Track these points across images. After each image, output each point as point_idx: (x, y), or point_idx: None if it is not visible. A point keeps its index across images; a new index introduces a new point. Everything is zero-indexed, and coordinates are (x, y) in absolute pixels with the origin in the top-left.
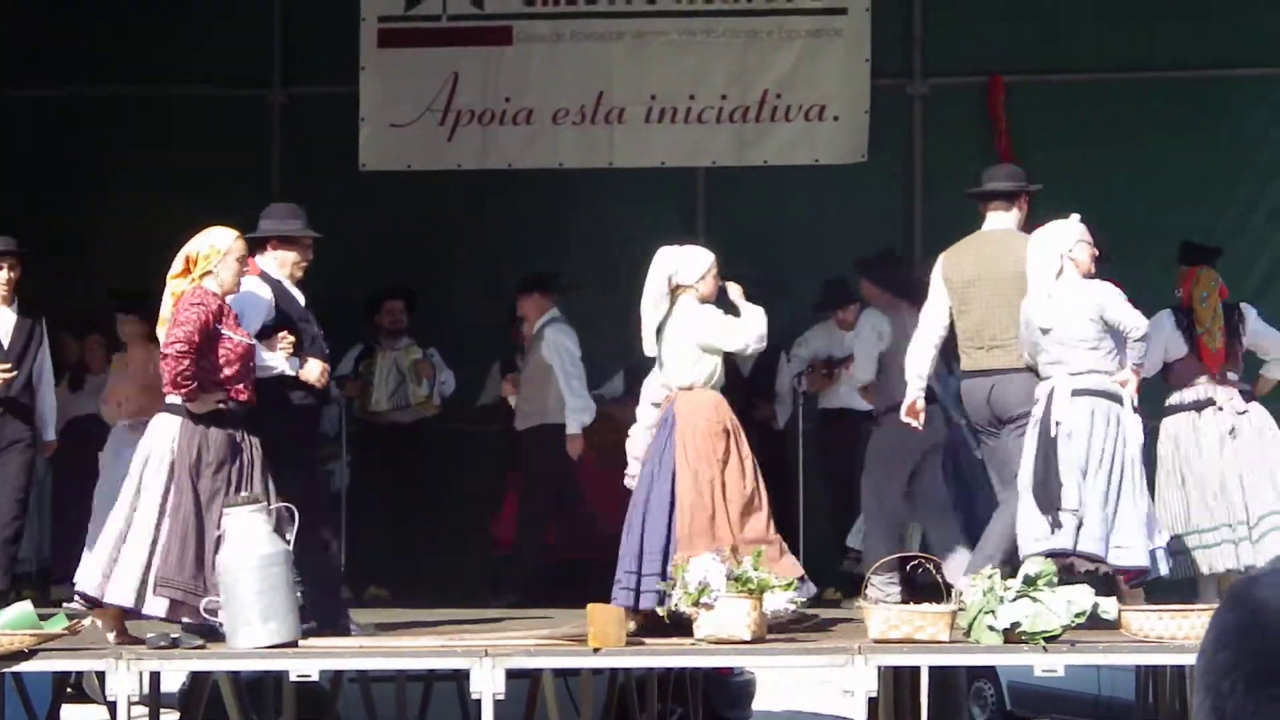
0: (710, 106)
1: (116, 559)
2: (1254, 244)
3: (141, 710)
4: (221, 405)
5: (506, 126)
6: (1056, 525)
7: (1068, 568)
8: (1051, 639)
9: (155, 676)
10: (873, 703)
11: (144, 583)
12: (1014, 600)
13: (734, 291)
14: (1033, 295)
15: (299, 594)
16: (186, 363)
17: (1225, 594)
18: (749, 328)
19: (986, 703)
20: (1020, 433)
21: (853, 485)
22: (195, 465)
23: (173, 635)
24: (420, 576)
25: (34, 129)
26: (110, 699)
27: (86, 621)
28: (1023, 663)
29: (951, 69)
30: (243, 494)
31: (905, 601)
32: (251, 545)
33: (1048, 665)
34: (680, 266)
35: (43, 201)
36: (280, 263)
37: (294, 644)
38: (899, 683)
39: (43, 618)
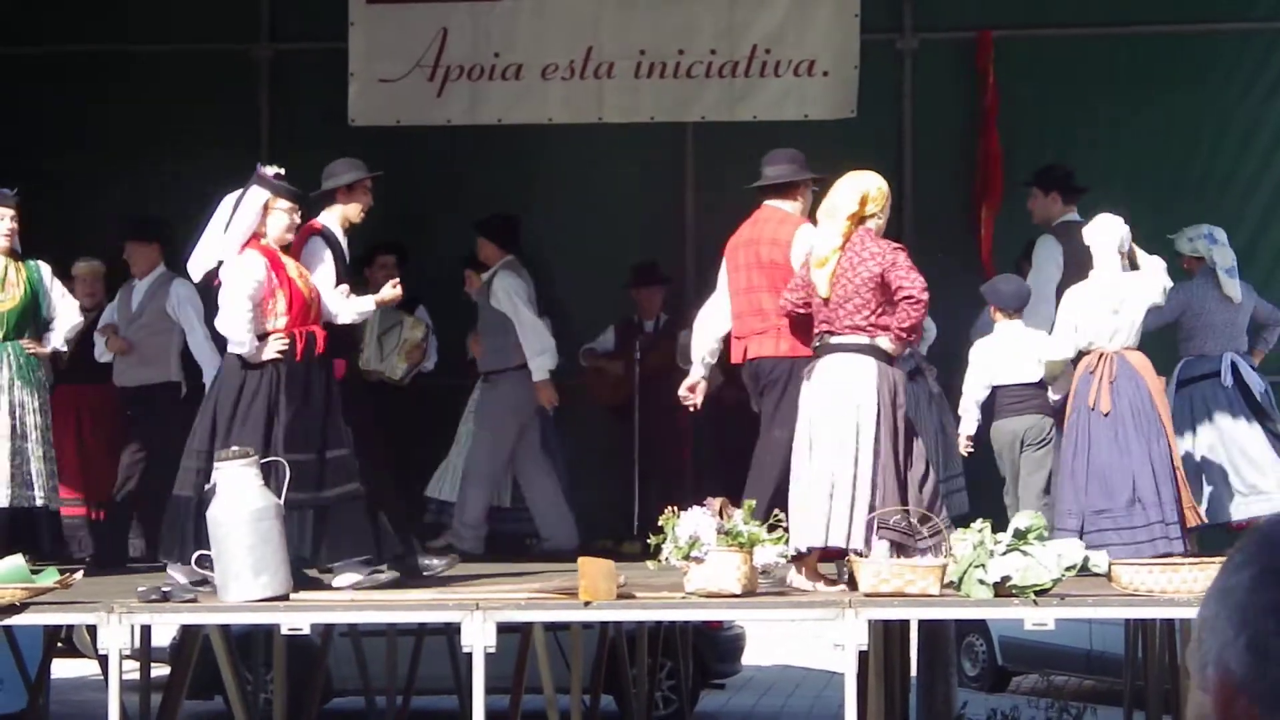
0: (699, 61)
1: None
2: (1240, 197)
3: (132, 664)
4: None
5: (496, 82)
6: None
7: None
8: (1042, 593)
9: (146, 630)
10: (863, 656)
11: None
12: (1004, 554)
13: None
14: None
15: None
16: None
17: (1251, 538)
18: None
19: (978, 657)
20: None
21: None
22: None
23: (164, 588)
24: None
25: (17, 87)
26: (101, 653)
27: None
28: (1013, 616)
29: (941, 24)
30: (233, 448)
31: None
32: (243, 499)
33: (1038, 619)
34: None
35: (27, 160)
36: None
37: (285, 598)
38: (889, 636)
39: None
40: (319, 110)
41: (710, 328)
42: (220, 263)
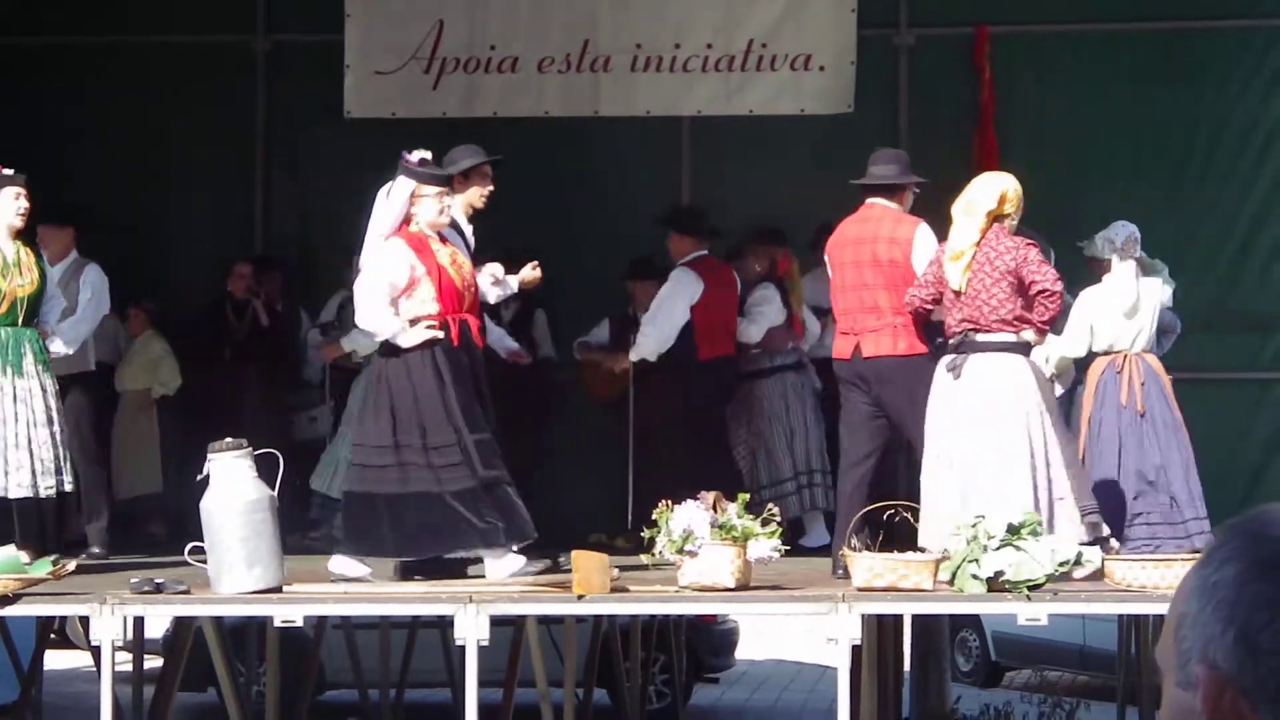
0: (696, 55)
1: None
2: (1238, 195)
3: (125, 656)
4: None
5: (492, 74)
6: None
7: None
8: (1035, 588)
9: (139, 622)
10: (856, 651)
11: None
12: (998, 549)
13: None
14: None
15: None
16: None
17: (1234, 533)
18: None
19: (971, 652)
20: None
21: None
22: None
23: (157, 580)
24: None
25: (15, 79)
26: (94, 644)
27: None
28: (1006, 611)
29: (937, 19)
30: (227, 439)
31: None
32: (236, 490)
33: (1031, 614)
34: None
35: (24, 151)
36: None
37: (278, 589)
38: (883, 631)
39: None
40: (315, 102)
41: None
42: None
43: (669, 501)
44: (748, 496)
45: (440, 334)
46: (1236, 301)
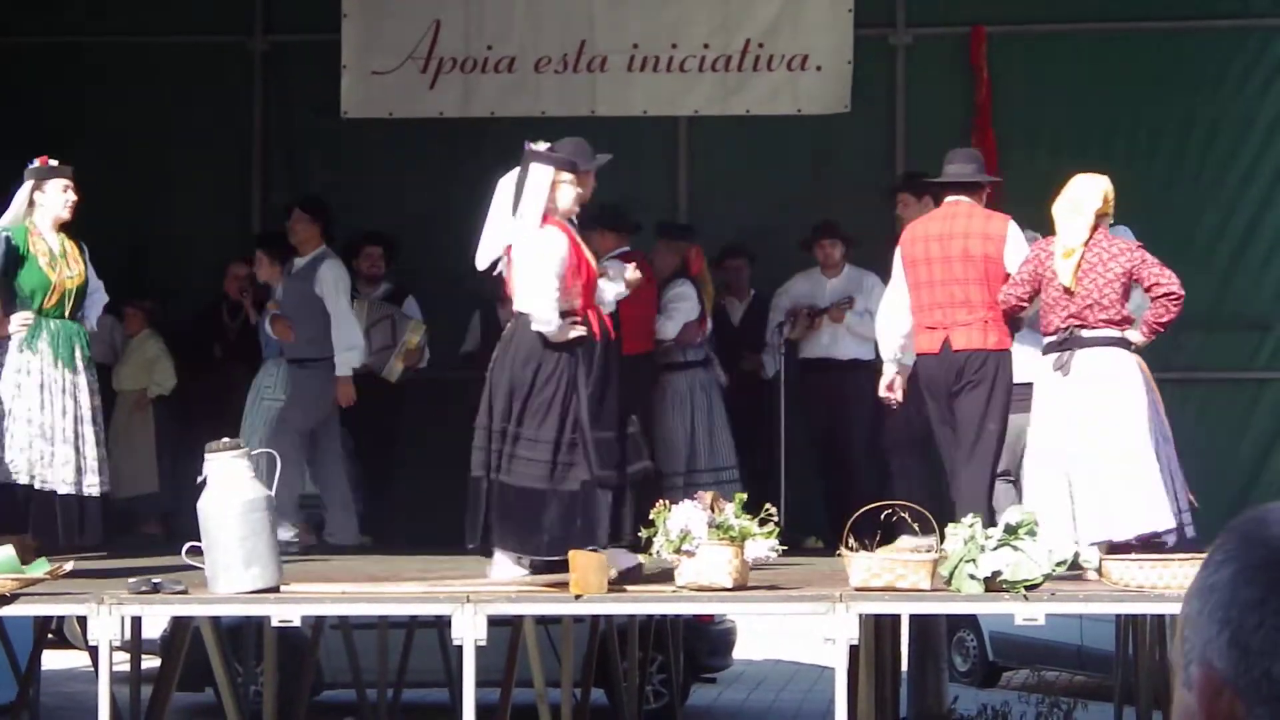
0: (693, 55)
1: None
2: (1234, 194)
3: (123, 656)
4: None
5: (489, 74)
6: None
7: None
8: (1032, 588)
9: (137, 622)
10: (854, 651)
11: None
12: (995, 549)
13: None
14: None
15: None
16: None
17: (1232, 535)
18: None
19: (969, 652)
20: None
21: (834, 434)
22: None
23: (154, 580)
24: (402, 524)
25: (11, 79)
26: (92, 644)
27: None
28: (1003, 611)
29: (934, 19)
30: (224, 439)
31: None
32: (234, 490)
33: (1028, 614)
34: None
35: (22, 151)
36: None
37: (276, 589)
38: (880, 631)
39: None
40: (313, 102)
41: (895, 325)
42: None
43: (665, 501)
44: (744, 496)
45: (584, 330)
46: (1232, 301)
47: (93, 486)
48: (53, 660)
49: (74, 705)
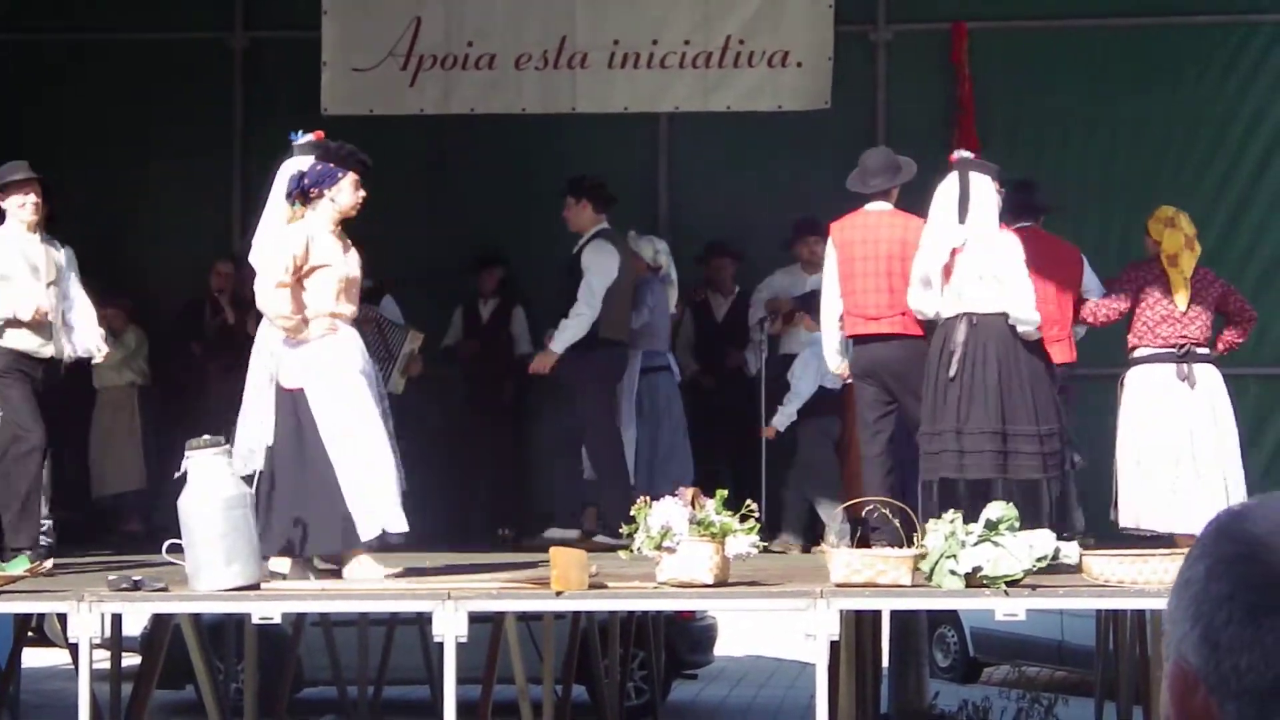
0: (673, 52)
1: None
2: (1212, 191)
3: (103, 653)
4: None
5: (469, 71)
6: None
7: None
8: (1013, 583)
9: (117, 619)
10: (834, 647)
11: None
12: (976, 544)
13: None
14: None
15: None
16: None
17: (1210, 530)
18: None
19: (949, 648)
20: None
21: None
22: None
23: (135, 578)
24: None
25: None
26: (72, 642)
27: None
28: (984, 606)
29: (915, 15)
30: (205, 436)
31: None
32: (214, 487)
33: (1009, 609)
34: None
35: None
36: None
37: (256, 587)
38: (860, 627)
39: None
40: (292, 99)
41: None
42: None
43: (646, 496)
44: (726, 492)
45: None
46: None
47: None
48: (33, 658)
49: (54, 703)
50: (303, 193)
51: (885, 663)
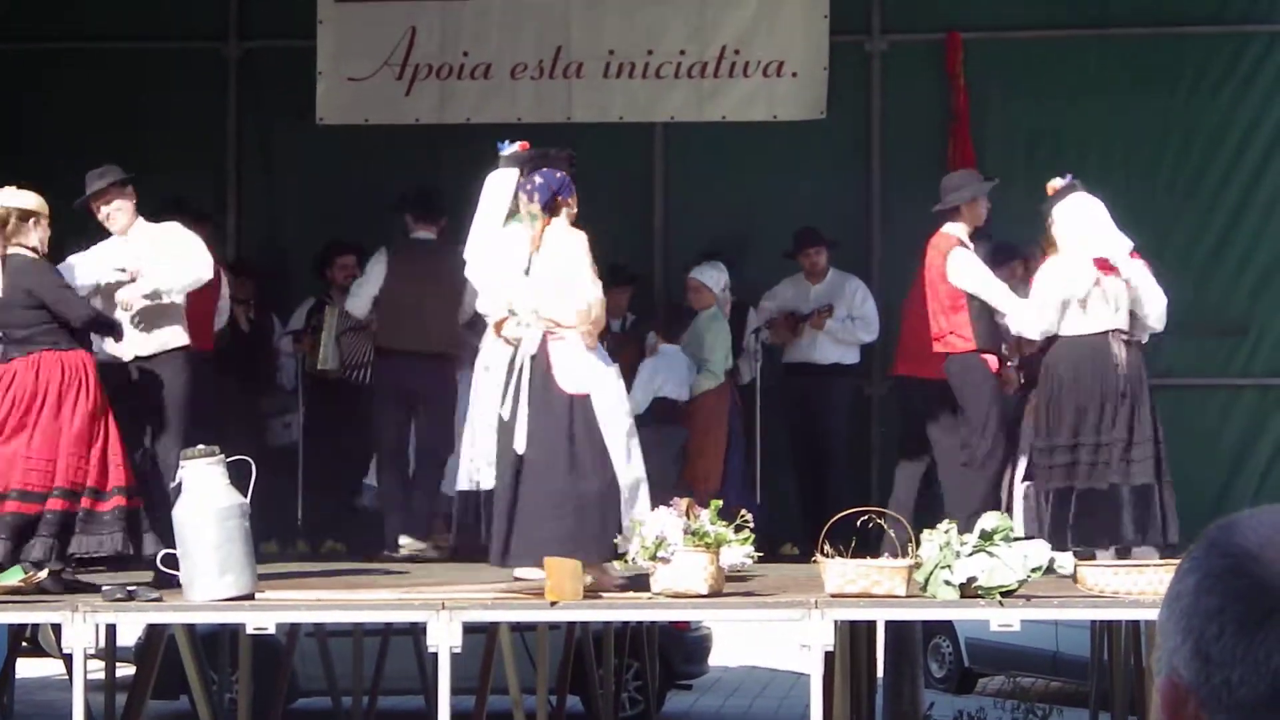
0: (669, 62)
1: None
2: (1210, 200)
3: (97, 664)
4: None
5: (464, 81)
6: None
7: None
8: (1008, 594)
9: (111, 629)
10: (829, 657)
11: None
12: (970, 555)
13: None
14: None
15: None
16: None
17: (1200, 542)
18: None
19: (944, 659)
20: None
21: (812, 439)
22: None
23: (129, 587)
24: (376, 530)
25: None
26: (66, 652)
27: None
28: (978, 617)
29: (910, 25)
30: (199, 446)
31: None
32: (209, 497)
33: (1003, 620)
34: None
35: None
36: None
37: (250, 597)
38: (855, 637)
39: None
40: (288, 109)
41: None
42: None
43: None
44: (720, 503)
45: None
46: (1208, 307)
47: None
48: (27, 668)
49: (48, 713)
50: (554, 203)
51: (880, 673)
